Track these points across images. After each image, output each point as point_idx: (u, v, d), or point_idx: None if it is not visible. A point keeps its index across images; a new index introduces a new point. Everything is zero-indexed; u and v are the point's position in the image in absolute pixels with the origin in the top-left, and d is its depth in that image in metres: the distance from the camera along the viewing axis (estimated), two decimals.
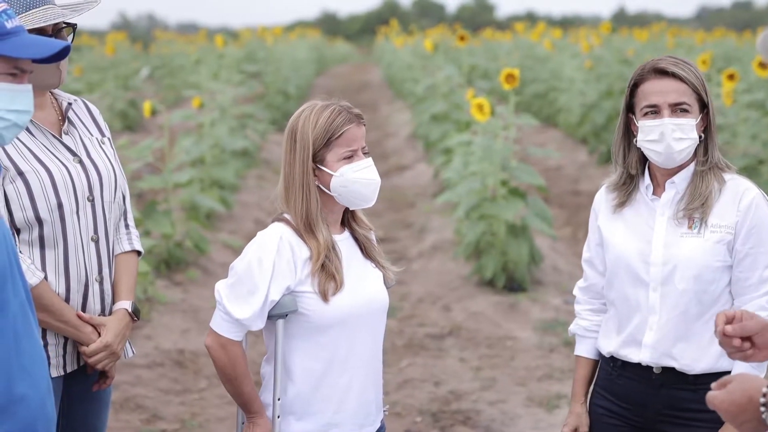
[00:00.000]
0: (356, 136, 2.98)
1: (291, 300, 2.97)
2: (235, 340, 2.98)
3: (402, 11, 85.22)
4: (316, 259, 2.96)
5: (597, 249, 3.31)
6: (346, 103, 3.02)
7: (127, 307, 3.34)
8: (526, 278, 7.98)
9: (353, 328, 3.02)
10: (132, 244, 3.43)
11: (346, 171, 2.97)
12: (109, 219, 3.28)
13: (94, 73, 20.07)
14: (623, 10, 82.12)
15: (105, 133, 3.40)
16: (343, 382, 3.03)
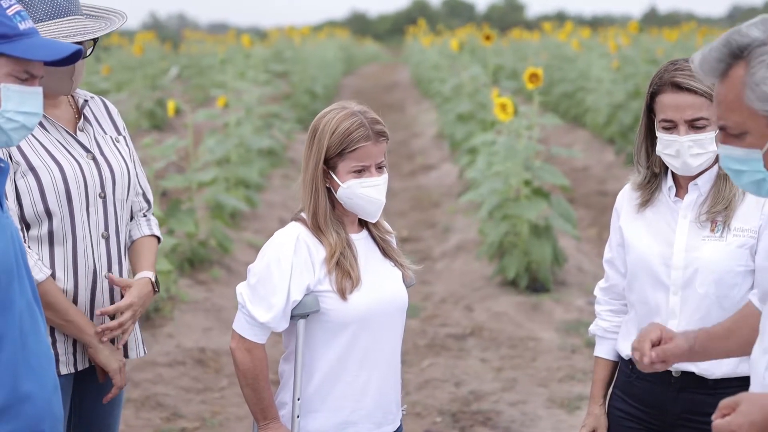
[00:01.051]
0: (371, 153, 2.94)
1: (314, 300, 2.95)
2: (260, 343, 2.98)
3: (431, 11, 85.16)
4: (330, 257, 2.96)
5: (618, 249, 3.27)
6: (372, 115, 2.97)
7: (150, 276, 3.31)
8: (549, 279, 7.94)
9: (372, 326, 3.01)
10: (152, 229, 3.43)
11: (353, 185, 2.95)
12: (120, 217, 3.28)
13: (123, 72, 20.19)
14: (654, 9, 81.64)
15: (121, 131, 3.39)
16: (361, 380, 3.02)
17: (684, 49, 19.03)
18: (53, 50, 2.50)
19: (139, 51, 18.21)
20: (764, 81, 2.14)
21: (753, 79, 2.15)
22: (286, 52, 20.84)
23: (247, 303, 2.96)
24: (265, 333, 2.98)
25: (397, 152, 16.35)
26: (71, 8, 3.12)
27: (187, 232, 8.14)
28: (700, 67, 2.23)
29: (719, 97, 2.22)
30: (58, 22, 3.07)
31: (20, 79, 2.44)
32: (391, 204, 12.47)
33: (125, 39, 27.67)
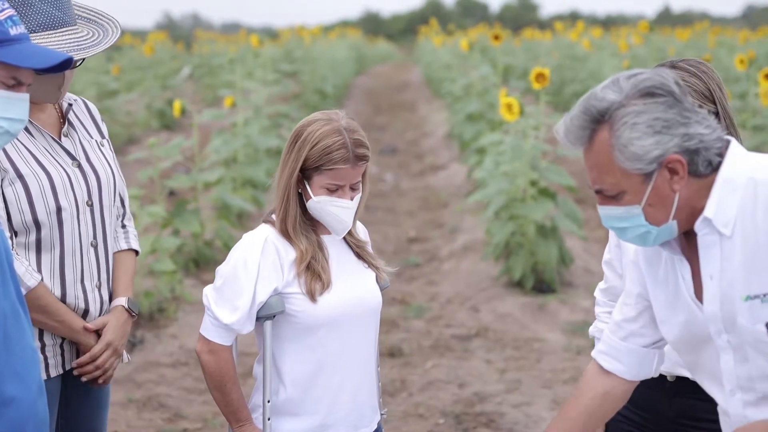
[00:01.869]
0: (347, 175, 2.91)
1: (278, 301, 2.94)
2: (225, 345, 2.96)
3: (445, 11, 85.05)
4: (300, 262, 2.94)
5: (616, 250, 3.24)
6: (357, 137, 2.92)
7: (123, 303, 3.28)
8: (555, 279, 7.90)
9: (343, 328, 2.98)
10: (129, 243, 3.39)
11: (323, 201, 2.93)
12: (108, 224, 3.24)
13: (134, 72, 20.21)
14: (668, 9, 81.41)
15: (104, 134, 3.35)
16: (334, 383, 2.99)
17: (696, 49, 18.96)
18: (43, 58, 2.46)
19: (150, 51, 18.22)
20: (630, 142, 2.20)
21: (620, 142, 2.21)
22: (296, 52, 20.82)
23: (212, 305, 2.94)
24: (230, 335, 2.95)
25: (407, 152, 16.32)
26: (66, 19, 3.05)
27: (193, 233, 8.13)
28: (566, 137, 2.28)
29: (590, 164, 2.27)
30: (51, 34, 3.00)
31: (7, 85, 2.41)
32: (399, 204, 12.50)
33: (138, 39, 27.71)
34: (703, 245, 2.30)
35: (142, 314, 7.10)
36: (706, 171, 2.24)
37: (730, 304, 2.27)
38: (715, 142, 2.24)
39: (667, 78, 2.24)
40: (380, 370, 6.40)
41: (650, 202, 2.25)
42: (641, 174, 2.21)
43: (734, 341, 2.30)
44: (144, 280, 7.29)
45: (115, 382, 6.17)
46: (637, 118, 2.19)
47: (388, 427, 5.66)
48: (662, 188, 2.23)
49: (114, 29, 3.18)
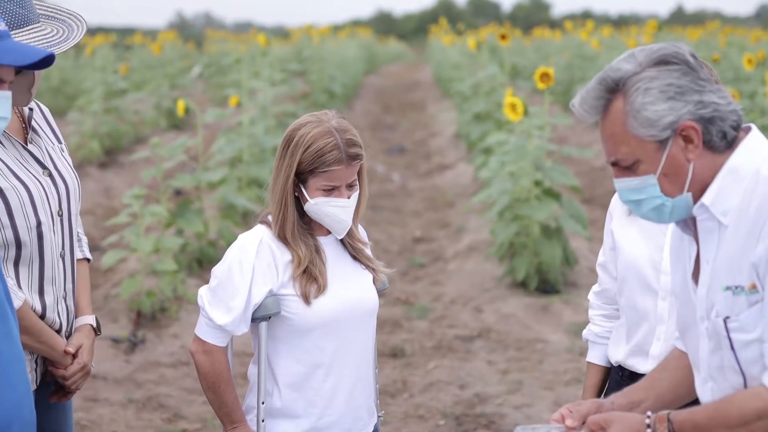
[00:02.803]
0: (342, 176, 2.90)
1: (274, 302, 2.92)
2: (220, 346, 2.94)
3: (457, 10, 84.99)
4: (297, 266, 2.92)
5: (611, 253, 3.22)
6: (349, 136, 2.90)
7: (91, 323, 3.24)
8: (559, 280, 7.86)
9: (339, 330, 2.97)
10: (83, 252, 3.32)
11: (320, 202, 2.92)
12: (74, 232, 3.17)
13: (145, 71, 20.22)
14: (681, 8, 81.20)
15: (61, 139, 3.24)
16: (328, 386, 2.98)
17: (707, 48, 18.86)
18: (23, 55, 2.42)
19: (158, 50, 18.23)
20: (644, 107, 2.20)
21: (633, 107, 2.21)
22: (305, 51, 20.81)
23: (206, 305, 2.93)
24: (225, 336, 2.94)
25: (414, 152, 16.29)
26: (30, 17, 2.96)
27: (196, 232, 8.11)
28: (581, 107, 2.28)
29: (606, 134, 2.27)
30: (17, 33, 2.91)
31: None
32: (406, 204, 12.46)
33: (149, 38, 27.75)
34: (702, 230, 2.30)
35: (143, 314, 7.09)
36: (721, 144, 2.23)
37: (714, 292, 2.26)
38: (730, 114, 2.23)
39: (681, 48, 2.24)
40: (381, 370, 6.39)
41: (665, 172, 2.23)
42: (655, 141, 2.21)
43: (710, 329, 2.29)
44: (146, 280, 7.28)
45: (115, 382, 6.17)
46: (650, 83, 2.20)
47: (388, 429, 5.63)
48: (677, 157, 2.22)
49: (78, 24, 3.08)
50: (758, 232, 2.17)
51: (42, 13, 3.08)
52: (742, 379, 2.25)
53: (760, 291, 2.18)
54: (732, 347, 2.24)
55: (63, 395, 3.20)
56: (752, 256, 2.18)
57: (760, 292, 2.18)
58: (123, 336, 6.75)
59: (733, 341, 2.23)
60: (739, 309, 2.21)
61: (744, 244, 2.20)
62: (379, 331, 7.24)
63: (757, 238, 2.17)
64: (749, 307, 2.20)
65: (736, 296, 2.21)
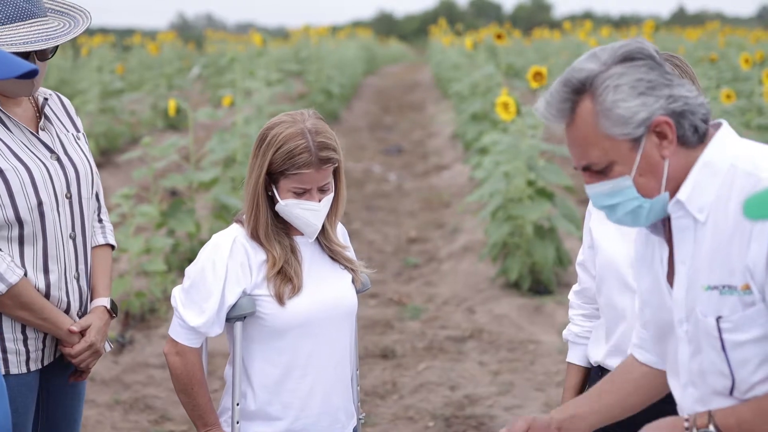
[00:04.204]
0: (312, 179, 2.84)
1: (249, 302, 2.88)
2: (193, 348, 2.90)
3: (458, 11, 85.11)
4: (272, 267, 2.88)
5: (589, 252, 3.19)
6: (322, 138, 2.84)
7: (105, 304, 3.32)
8: (552, 280, 7.81)
9: (315, 332, 2.92)
10: (106, 238, 3.41)
11: (291, 204, 2.86)
12: (86, 216, 3.25)
13: (143, 72, 20.19)
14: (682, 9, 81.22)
15: (79, 128, 3.37)
16: (304, 387, 2.93)
17: (706, 48, 18.82)
18: (7, 68, 2.42)
19: (156, 50, 18.19)
20: (615, 104, 2.12)
21: (604, 106, 2.12)
22: (303, 52, 20.78)
23: (179, 306, 2.89)
24: (198, 337, 2.90)
25: (412, 152, 16.25)
26: (33, 10, 3.07)
27: (188, 233, 8.07)
28: (547, 111, 2.18)
29: (574, 138, 2.18)
30: (19, 26, 3.02)
31: None
32: (402, 204, 12.42)
33: (148, 38, 27.73)
34: (676, 228, 2.22)
35: (132, 315, 7.04)
36: (693, 138, 2.16)
37: (694, 293, 2.19)
38: (699, 107, 2.16)
39: (644, 43, 2.17)
40: (371, 371, 6.33)
41: (640, 171, 2.15)
42: (629, 140, 2.12)
43: (691, 332, 2.22)
44: (135, 280, 7.23)
45: (103, 383, 6.12)
46: (620, 80, 2.12)
47: (376, 430, 5.59)
48: (652, 155, 2.14)
49: (85, 19, 3.20)
50: (748, 232, 2.09)
51: (52, 8, 3.20)
52: (730, 382, 2.18)
53: (755, 293, 2.10)
54: (723, 348, 2.17)
55: (78, 375, 3.31)
56: (745, 257, 2.10)
57: (755, 294, 2.10)
58: (111, 336, 6.71)
59: (724, 342, 2.16)
60: (731, 310, 2.13)
61: (730, 243, 2.12)
62: (371, 331, 7.24)
63: (747, 238, 2.09)
64: (744, 308, 2.11)
65: (724, 296, 2.13)
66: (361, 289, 3.07)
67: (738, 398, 2.20)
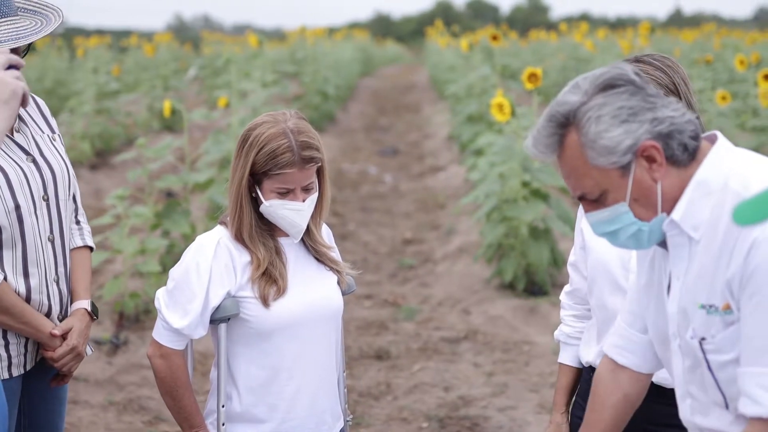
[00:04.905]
0: (295, 179, 2.83)
1: (233, 303, 2.87)
2: (177, 350, 2.89)
3: (455, 13, 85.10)
4: (256, 268, 2.87)
5: (581, 252, 3.19)
6: (304, 138, 2.83)
7: (86, 307, 3.29)
8: (546, 281, 7.81)
9: (300, 333, 2.91)
10: (84, 240, 3.38)
11: (275, 205, 2.86)
12: (64, 218, 3.21)
13: (139, 73, 20.18)
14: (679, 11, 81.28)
15: (55, 129, 3.32)
16: (290, 390, 2.92)
17: (702, 50, 18.83)
18: None
19: (151, 52, 18.19)
20: (599, 135, 2.12)
21: (588, 138, 2.13)
22: (299, 53, 20.77)
23: (163, 308, 2.88)
24: (182, 339, 2.89)
25: (408, 153, 16.25)
26: (3, 10, 3.04)
27: (183, 234, 8.06)
28: (535, 147, 2.20)
29: (566, 170, 2.20)
30: None
31: None
32: (397, 205, 12.40)
33: (145, 40, 27.72)
34: (672, 245, 2.23)
35: (127, 316, 7.04)
36: (683, 157, 2.16)
37: (687, 309, 2.20)
38: (686, 124, 2.16)
39: (624, 69, 2.17)
40: (366, 372, 6.32)
41: (634, 197, 2.16)
42: (618, 168, 2.13)
43: (684, 347, 2.23)
44: (130, 282, 7.23)
45: (97, 384, 6.12)
46: (601, 110, 2.12)
47: (370, 431, 5.58)
48: (643, 180, 2.15)
49: (57, 17, 3.15)
50: (730, 250, 2.10)
51: (24, 7, 3.14)
52: (722, 398, 2.20)
53: (735, 312, 2.11)
54: (710, 368, 2.18)
55: (60, 379, 3.26)
56: (725, 275, 2.11)
57: (735, 313, 2.11)
58: (105, 338, 6.70)
59: (710, 362, 2.18)
60: (714, 330, 2.15)
61: (716, 262, 2.13)
62: (365, 332, 7.24)
63: (729, 256, 2.10)
64: (725, 328, 2.13)
65: (710, 315, 2.15)
66: (346, 290, 3.06)
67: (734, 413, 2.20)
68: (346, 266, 3.07)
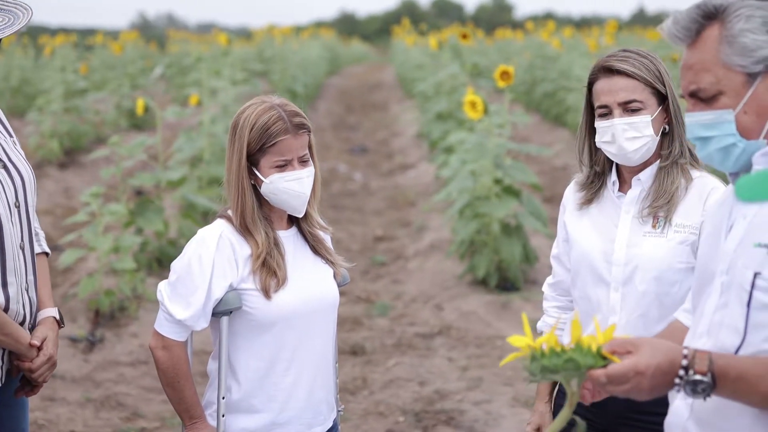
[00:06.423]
0: (291, 146, 2.90)
1: (235, 296, 2.91)
2: (179, 341, 2.93)
3: (420, 11, 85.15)
4: (256, 258, 2.91)
5: (564, 245, 3.24)
6: (292, 108, 2.94)
7: (54, 315, 3.22)
8: (519, 277, 7.89)
9: (299, 325, 2.96)
10: (42, 246, 3.31)
11: (275, 179, 2.91)
12: (32, 224, 3.15)
13: (106, 71, 20.08)
14: (642, 10, 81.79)
15: (12, 133, 3.22)
16: (288, 380, 2.97)
17: (667, 48, 19.00)
18: None
19: (119, 50, 18.12)
20: (742, 33, 2.10)
21: (731, 33, 2.11)
22: (267, 52, 20.76)
23: (166, 300, 2.91)
24: (184, 331, 2.93)
25: (377, 152, 16.30)
26: None
27: (156, 231, 8.08)
28: (673, 26, 2.17)
29: (689, 62, 2.16)
30: None
31: None
32: (367, 203, 12.43)
33: (110, 38, 27.56)
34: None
35: (102, 313, 7.04)
36: None
37: (744, 247, 2.14)
38: None
39: None
40: (342, 368, 6.38)
41: (746, 110, 2.11)
42: (744, 74, 2.10)
43: (726, 284, 2.18)
44: (105, 279, 7.23)
45: (73, 381, 6.13)
46: (755, 11, 2.10)
47: (348, 425, 5.63)
48: (762, 97, 2.11)
49: (25, 13, 3.09)
50: None
51: None
52: (739, 341, 2.14)
53: None
54: (749, 304, 2.11)
55: (30, 390, 3.18)
56: None
57: None
58: (81, 335, 6.71)
59: (753, 298, 2.10)
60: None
61: None
62: (340, 328, 7.22)
63: None
64: None
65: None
66: (341, 282, 3.12)
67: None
68: (339, 258, 3.12)
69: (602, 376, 2.05)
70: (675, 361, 2.07)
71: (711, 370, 2.06)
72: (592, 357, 2.05)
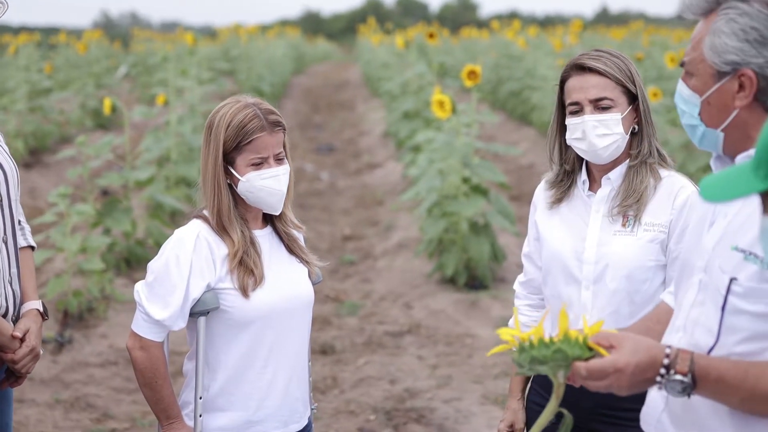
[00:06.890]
0: (267, 144, 2.91)
1: (213, 297, 2.92)
2: (156, 342, 2.93)
3: (385, 10, 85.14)
4: (233, 256, 2.92)
5: (535, 244, 3.27)
6: (267, 106, 2.96)
7: (38, 307, 3.27)
8: (487, 276, 7.94)
9: (276, 323, 2.97)
10: (27, 240, 3.35)
11: (252, 178, 2.92)
12: (15, 218, 3.19)
13: (70, 70, 19.94)
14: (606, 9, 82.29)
15: None
16: (265, 378, 2.99)
17: (631, 47, 19.15)
18: None
19: (84, 49, 17.99)
20: (717, 33, 2.17)
21: (712, 28, 2.18)
22: (233, 51, 20.71)
23: (144, 301, 2.92)
24: (162, 331, 2.93)
25: (344, 151, 16.31)
26: None
27: (124, 232, 8.05)
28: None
29: (693, 34, 2.25)
30: None
31: None
32: (335, 202, 12.45)
33: (74, 37, 27.35)
34: None
35: (71, 314, 7.01)
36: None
37: (722, 248, 2.18)
38: None
39: None
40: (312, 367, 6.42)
41: (710, 101, 2.20)
42: (714, 69, 2.18)
43: (704, 282, 2.22)
44: (73, 280, 7.20)
45: (42, 383, 6.09)
46: (740, 17, 2.15)
47: (319, 424, 5.65)
48: (725, 96, 2.18)
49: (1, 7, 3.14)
50: None
51: None
52: (712, 342, 2.16)
53: None
54: (723, 308, 2.14)
55: (14, 381, 3.22)
56: None
57: None
58: (49, 336, 6.67)
59: (727, 303, 2.13)
60: (747, 277, 2.10)
61: None
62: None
63: None
64: (760, 282, 2.08)
65: (747, 262, 2.11)
66: (315, 281, 3.14)
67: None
68: (313, 257, 3.14)
69: (583, 369, 2.08)
70: (656, 359, 2.09)
71: (692, 371, 2.08)
72: (579, 348, 2.07)
